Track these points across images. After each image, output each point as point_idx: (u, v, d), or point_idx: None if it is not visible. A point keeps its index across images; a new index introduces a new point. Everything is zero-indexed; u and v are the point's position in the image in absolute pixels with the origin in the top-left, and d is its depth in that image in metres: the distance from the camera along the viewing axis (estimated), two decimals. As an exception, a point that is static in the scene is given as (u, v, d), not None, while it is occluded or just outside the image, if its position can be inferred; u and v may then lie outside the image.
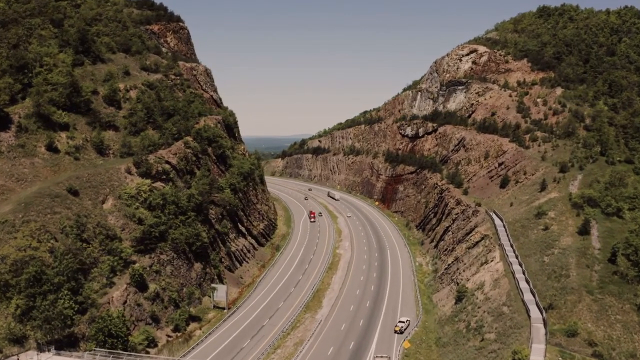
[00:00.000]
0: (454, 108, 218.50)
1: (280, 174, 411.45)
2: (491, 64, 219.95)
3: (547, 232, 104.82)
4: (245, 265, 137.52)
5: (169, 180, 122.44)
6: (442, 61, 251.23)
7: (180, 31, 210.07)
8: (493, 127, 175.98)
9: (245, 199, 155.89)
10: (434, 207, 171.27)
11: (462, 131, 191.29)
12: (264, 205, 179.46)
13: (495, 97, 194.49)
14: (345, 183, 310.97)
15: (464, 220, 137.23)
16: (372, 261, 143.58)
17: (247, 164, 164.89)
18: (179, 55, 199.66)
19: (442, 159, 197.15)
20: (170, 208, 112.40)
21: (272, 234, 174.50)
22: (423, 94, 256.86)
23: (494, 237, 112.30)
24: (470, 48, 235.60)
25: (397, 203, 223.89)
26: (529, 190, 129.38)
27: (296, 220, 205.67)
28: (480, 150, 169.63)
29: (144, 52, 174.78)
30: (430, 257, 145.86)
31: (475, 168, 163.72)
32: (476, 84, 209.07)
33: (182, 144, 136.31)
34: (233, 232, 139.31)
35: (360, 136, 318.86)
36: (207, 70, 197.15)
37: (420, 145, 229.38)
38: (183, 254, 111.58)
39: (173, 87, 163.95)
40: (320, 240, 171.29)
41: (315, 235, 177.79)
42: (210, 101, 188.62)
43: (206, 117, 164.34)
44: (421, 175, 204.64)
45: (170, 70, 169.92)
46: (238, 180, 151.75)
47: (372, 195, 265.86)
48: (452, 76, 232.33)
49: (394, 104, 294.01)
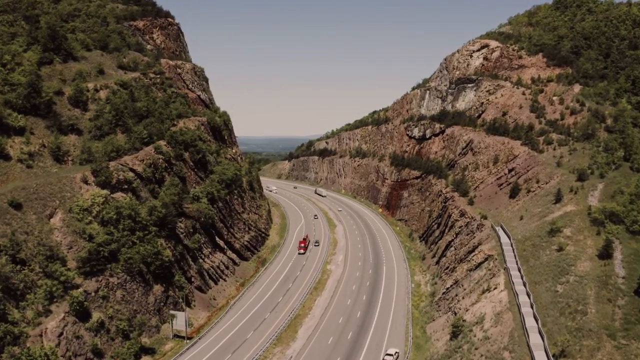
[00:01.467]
0: (463, 108, 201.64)
1: (287, 176, 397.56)
2: (503, 59, 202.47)
3: (562, 254, 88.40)
4: (221, 284, 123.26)
5: (130, 191, 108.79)
6: (452, 58, 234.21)
7: (169, 27, 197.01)
8: (504, 129, 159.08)
9: (226, 208, 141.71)
10: (437, 217, 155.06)
11: (470, 133, 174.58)
12: (252, 214, 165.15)
13: (507, 95, 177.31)
14: (351, 187, 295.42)
15: (468, 234, 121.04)
16: (365, 280, 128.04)
17: (232, 170, 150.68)
18: (165, 52, 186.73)
19: (449, 163, 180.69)
20: (126, 223, 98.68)
21: (260, 246, 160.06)
22: (432, 92, 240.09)
23: (499, 259, 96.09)
24: (482, 43, 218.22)
25: (401, 210, 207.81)
26: (542, 202, 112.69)
27: (291, 229, 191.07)
28: (489, 154, 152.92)
29: (124, 49, 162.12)
30: (431, 276, 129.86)
31: (483, 174, 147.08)
32: (487, 81, 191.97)
33: (151, 149, 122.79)
34: (208, 246, 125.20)
35: (368, 138, 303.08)
36: (195, 69, 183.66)
37: (427, 147, 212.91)
38: (139, 275, 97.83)
39: (151, 87, 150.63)
40: (312, 252, 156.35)
41: (308, 248, 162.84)
42: (197, 101, 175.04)
43: (187, 119, 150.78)
44: (426, 181, 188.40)
45: (149, 69, 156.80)
46: (218, 188, 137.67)
47: (377, 200, 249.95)
48: (462, 73, 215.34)
49: (402, 103, 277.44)
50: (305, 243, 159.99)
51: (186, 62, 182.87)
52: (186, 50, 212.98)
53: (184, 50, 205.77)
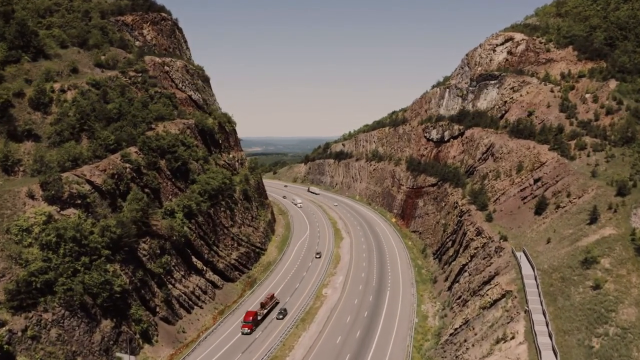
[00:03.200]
0: (484, 107, 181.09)
1: (302, 180, 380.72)
2: (529, 53, 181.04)
3: (599, 295, 68.97)
4: (195, 313, 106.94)
5: (84, 207, 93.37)
6: (474, 53, 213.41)
7: (162, 22, 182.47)
8: (529, 131, 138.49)
9: (209, 223, 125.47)
10: (452, 234, 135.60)
11: (491, 136, 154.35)
12: (245, 228, 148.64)
13: (534, 93, 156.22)
14: (366, 193, 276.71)
15: (484, 258, 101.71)
16: (362, 310, 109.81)
17: (219, 178, 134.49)
18: (156, 49, 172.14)
19: (468, 170, 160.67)
20: (68, 247, 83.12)
21: (252, 263, 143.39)
22: (451, 91, 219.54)
23: (519, 297, 76.89)
24: (506, 36, 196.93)
25: (415, 221, 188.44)
26: (574, 221, 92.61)
27: (293, 242, 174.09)
28: (512, 160, 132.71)
29: (104, 46, 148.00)
30: (441, 305, 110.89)
31: (505, 184, 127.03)
32: (511, 77, 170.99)
33: (117, 157, 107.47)
34: (181, 269, 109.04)
35: (384, 140, 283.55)
36: (186, 67, 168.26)
37: (445, 151, 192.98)
38: (82, 309, 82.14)
39: (129, 86, 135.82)
40: (309, 272, 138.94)
41: (306, 265, 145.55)
42: (187, 102, 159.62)
43: (169, 122, 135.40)
44: (442, 190, 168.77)
45: (130, 67, 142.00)
46: (199, 200, 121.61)
47: (392, 208, 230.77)
48: (484, 69, 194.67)
49: (421, 103, 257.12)
50: (255, 317, 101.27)
51: (177, 59, 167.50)
52: (183, 47, 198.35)
53: (179, 47, 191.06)
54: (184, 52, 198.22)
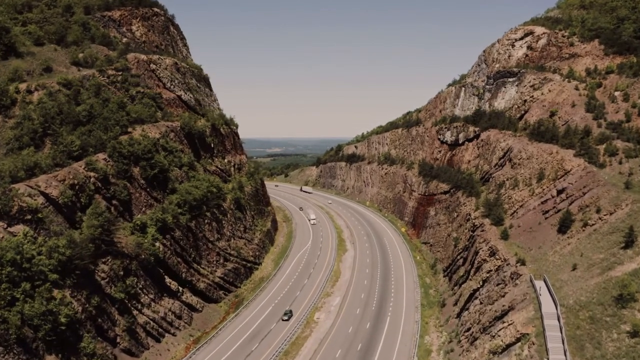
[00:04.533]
0: (502, 107, 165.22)
1: (314, 184, 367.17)
2: (551, 48, 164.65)
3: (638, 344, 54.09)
4: (166, 342, 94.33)
5: (35, 222, 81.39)
6: (491, 49, 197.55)
7: (153, 18, 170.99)
8: (552, 133, 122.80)
9: (188, 237, 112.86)
10: (463, 250, 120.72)
11: (509, 139, 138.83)
12: (235, 240, 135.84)
13: (556, 91, 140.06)
14: (377, 198, 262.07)
15: (498, 285, 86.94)
16: (356, 341, 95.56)
17: (204, 187, 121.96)
18: (146, 46, 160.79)
19: (483, 177, 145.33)
20: (6, 271, 71.10)
21: (243, 280, 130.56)
22: (467, 89, 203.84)
23: (537, 342, 62.22)
24: (525, 30, 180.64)
25: (426, 231, 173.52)
26: (606, 244, 77.39)
27: (292, 254, 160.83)
28: (532, 167, 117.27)
29: (85, 42, 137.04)
30: (447, 336, 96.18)
31: (524, 195, 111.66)
32: (531, 74, 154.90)
33: (81, 165, 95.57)
34: (150, 291, 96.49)
35: (397, 142, 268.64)
36: (177, 65, 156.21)
37: (459, 155, 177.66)
38: (20, 344, 69.95)
39: (107, 86, 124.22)
40: (304, 291, 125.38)
41: (302, 282, 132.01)
42: (176, 103, 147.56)
43: (150, 125, 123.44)
44: (454, 198, 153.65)
45: (109, 65, 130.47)
46: (176, 213, 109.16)
47: (402, 216, 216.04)
48: (502, 66, 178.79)
49: (436, 103, 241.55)
50: None
51: (167, 56, 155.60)
52: (178, 44, 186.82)
53: (172, 44, 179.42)
54: (179, 50, 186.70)
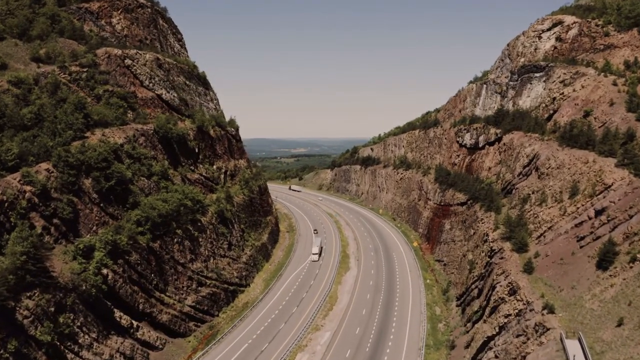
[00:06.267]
0: (527, 105, 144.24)
1: (328, 188, 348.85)
2: (583, 39, 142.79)
3: None
4: (109, 393, 77.37)
5: None
6: (516, 42, 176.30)
7: (138, 10, 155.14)
8: (586, 137, 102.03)
9: (149, 261, 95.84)
10: (479, 278, 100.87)
11: (535, 143, 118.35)
12: (217, 260, 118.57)
13: (591, 87, 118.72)
14: (392, 206, 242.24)
15: (518, 336, 67.26)
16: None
17: (173, 200, 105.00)
18: (128, 40, 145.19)
19: (504, 187, 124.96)
20: None
21: (223, 307, 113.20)
22: (489, 87, 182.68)
23: None
24: (554, 20, 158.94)
25: (441, 247, 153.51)
26: (665, 290, 57.20)
27: (288, 271, 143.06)
28: (564, 178, 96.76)
29: (51, 36, 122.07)
30: (454, 392, 77.01)
31: (553, 213, 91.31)
32: (561, 68, 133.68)
33: (15, 178, 79.54)
34: (92, 329, 79.50)
35: (414, 144, 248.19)
36: (159, 61, 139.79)
37: (479, 160, 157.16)
38: None
39: (67, 84, 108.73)
40: (290, 323, 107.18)
41: (290, 311, 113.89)
42: (155, 102, 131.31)
43: (113, 128, 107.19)
44: (471, 212, 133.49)
45: (74, 60, 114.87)
46: (134, 232, 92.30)
47: (417, 226, 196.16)
48: (527, 60, 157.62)
49: (455, 102, 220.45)
50: None
51: (148, 51, 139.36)
52: (169, 39, 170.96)
53: (160, 39, 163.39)
54: (170, 45, 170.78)
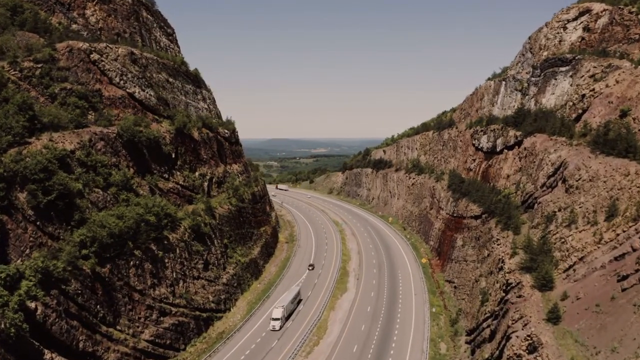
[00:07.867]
0: (552, 104, 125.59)
1: (338, 192, 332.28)
2: (615, 28, 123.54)
3: None
4: None
5: None
6: (538, 34, 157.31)
7: (116, 1, 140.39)
8: (626, 143, 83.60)
9: (95, 290, 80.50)
10: (492, 316, 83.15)
11: (562, 148, 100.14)
12: (188, 284, 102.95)
13: (627, 82, 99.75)
14: (402, 213, 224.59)
15: (538, 414, 49.89)
16: None
17: (130, 215, 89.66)
18: (103, 34, 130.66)
19: (525, 200, 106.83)
20: None
21: (193, 338, 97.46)
22: (509, 83, 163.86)
23: None
24: (580, 8, 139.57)
25: (452, 266, 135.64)
26: None
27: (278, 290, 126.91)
28: (598, 194, 78.62)
29: (9, 29, 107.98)
30: None
31: (586, 239, 73.33)
32: (590, 61, 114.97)
33: None
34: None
35: (427, 147, 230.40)
36: (133, 55, 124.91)
37: (497, 167, 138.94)
38: None
39: (17, 82, 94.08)
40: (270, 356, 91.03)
41: (269, 344, 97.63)
42: (125, 102, 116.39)
43: (66, 132, 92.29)
44: (486, 228, 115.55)
45: (28, 55, 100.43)
46: (73, 256, 76.91)
47: (428, 238, 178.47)
48: (551, 53, 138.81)
49: (472, 101, 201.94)
50: None
51: (121, 46, 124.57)
52: (154, 33, 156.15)
53: (142, 32, 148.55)
54: (156, 40, 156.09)
